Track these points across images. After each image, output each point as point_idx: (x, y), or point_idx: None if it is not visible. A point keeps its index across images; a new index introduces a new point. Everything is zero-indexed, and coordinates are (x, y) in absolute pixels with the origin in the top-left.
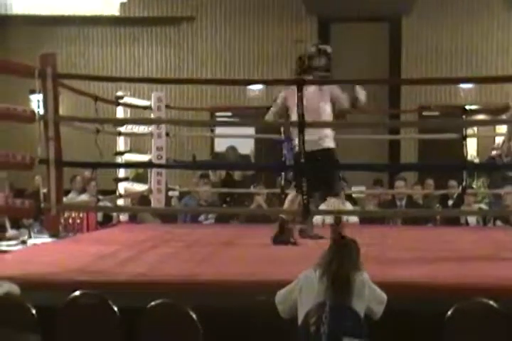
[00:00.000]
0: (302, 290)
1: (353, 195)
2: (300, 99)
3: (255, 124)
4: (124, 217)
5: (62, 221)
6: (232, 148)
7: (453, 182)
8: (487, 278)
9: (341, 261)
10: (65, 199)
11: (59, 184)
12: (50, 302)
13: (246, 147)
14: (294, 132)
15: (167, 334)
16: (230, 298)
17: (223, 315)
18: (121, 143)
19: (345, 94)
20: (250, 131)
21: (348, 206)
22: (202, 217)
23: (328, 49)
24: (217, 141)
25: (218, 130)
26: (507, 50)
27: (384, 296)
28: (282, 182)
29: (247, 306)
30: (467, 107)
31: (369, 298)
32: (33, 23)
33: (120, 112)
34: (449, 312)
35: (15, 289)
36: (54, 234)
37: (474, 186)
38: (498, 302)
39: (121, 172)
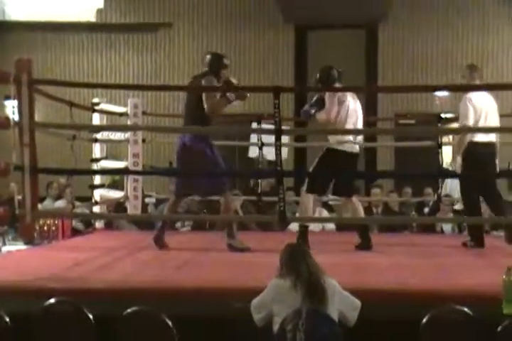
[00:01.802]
0: (275, 299)
1: (330, 202)
2: (277, 107)
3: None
4: (99, 224)
5: (37, 228)
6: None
7: (429, 190)
8: (462, 285)
9: (309, 267)
10: (40, 206)
11: (34, 191)
12: (25, 310)
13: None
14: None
15: None
16: (206, 305)
17: (199, 323)
18: (97, 150)
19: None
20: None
21: (325, 213)
22: (179, 224)
23: None
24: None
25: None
26: (481, 57)
27: (357, 302)
28: (259, 189)
29: (224, 313)
30: (442, 115)
31: (341, 304)
32: (9, 29)
33: (96, 119)
34: (424, 319)
35: None
36: (29, 241)
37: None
38: (473, 309)
39: (97, 179)
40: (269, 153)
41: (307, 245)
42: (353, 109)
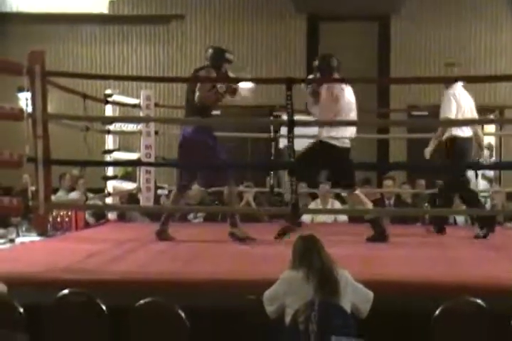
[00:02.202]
0: (287, 292)
1: (342, 194)
2: (290, 98)
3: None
4: (112, 215)
5: (50, 219)
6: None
7: (440, 182)
8: (475, 277)
9: (321, 258)
10: (53, 197)
11: (47, 182)
12: (38, 301)
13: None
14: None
15: (155, 332)
16: (219, 296)
17: (212, 314)
18: (110, 142)
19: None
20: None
21: (337, 205)
22: (191, 216)
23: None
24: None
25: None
26: (495, 50)
27: (370, 294)
28: (271, 181)
29: (236, 305)
30: None
31: (353, 295)
32: (22, 21)
33: (109, 110)
34: (437, 311)
35: (2, 288)
36: (42, 233)
37: None
38: (486, 301)
39: (110, 171)
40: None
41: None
42: (350, 102)
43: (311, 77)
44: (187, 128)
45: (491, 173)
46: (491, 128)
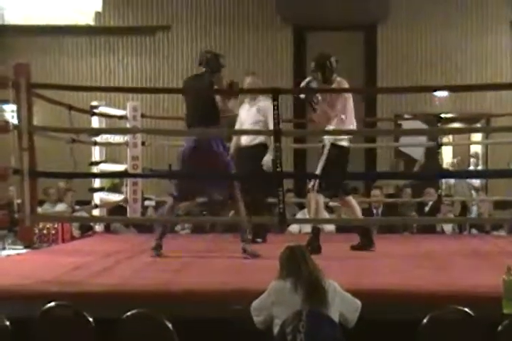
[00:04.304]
0: (275, 302)
1: (330, 204)
2: (276, 108)
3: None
4: (99, 227)
5: (36, 232)
6: None
7: (430, 190)
8: (462, 286)
9: (309, 268)
10: (40, 209)
11: (33, 194)
12: (24, 314)
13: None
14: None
15: None
16: (205, 307)
17: (199, 325)
18: (96, 153)
19: None
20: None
21: (325, 214)
22: (179, 227)
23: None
24: None
25: None
26: (481, 59)
27: (358, 303)
28: None
29: (223, 316)
30: (442, 115)
31: (341, 305)
32: (7, 33)
33: (95, 122)
34: (425, 320)
35: None
36: (28, 245)
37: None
38: (473, 310)
39: (97, 183)
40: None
41: (319, 247)
42: (352, 107)
43: (309, 78)
44: (198, 138)
45: (477, 182)
46: (477, 136)
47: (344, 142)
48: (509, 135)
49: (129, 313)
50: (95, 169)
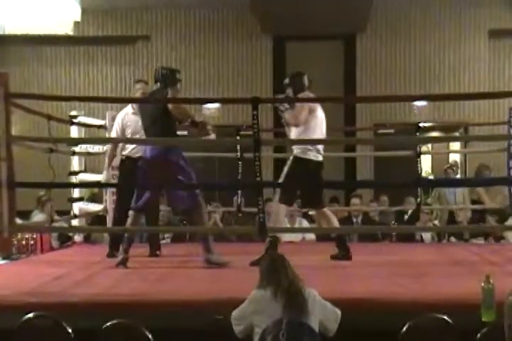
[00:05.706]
0: (255, 311)
1: (310, 213)
2: (256, 118)
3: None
4: (78, 237)
5: (15, 242)
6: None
7: (410, 199)
8: (441, 294)
9: (289, 277)
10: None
11: (11, 205)
12: (3, 325)
13: None
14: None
15: None
16: (185, 317)
17: (179, 335)
18: (75, 163)
19: None
20: None
21: (305, 223)
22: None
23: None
24: None
25: None
26: (459, 68)
27: (338, 312)
28: (239, 200)
29: (204, 325)
30: (421, 124)
31: (321, 314)
32: None
33: (74, 132)
34: (404, 328)
35: None
36: (6, 256)
37: (429, 201)
38: (452, 318)
39: (76, 193)
40: None
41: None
42: (322, 119)
43: (281, 96)
44: (155, 148)
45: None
46: (456, 145)
47: (311, 155)
48: (487, 143)
49: (108, 323)
50: (74, 179)
